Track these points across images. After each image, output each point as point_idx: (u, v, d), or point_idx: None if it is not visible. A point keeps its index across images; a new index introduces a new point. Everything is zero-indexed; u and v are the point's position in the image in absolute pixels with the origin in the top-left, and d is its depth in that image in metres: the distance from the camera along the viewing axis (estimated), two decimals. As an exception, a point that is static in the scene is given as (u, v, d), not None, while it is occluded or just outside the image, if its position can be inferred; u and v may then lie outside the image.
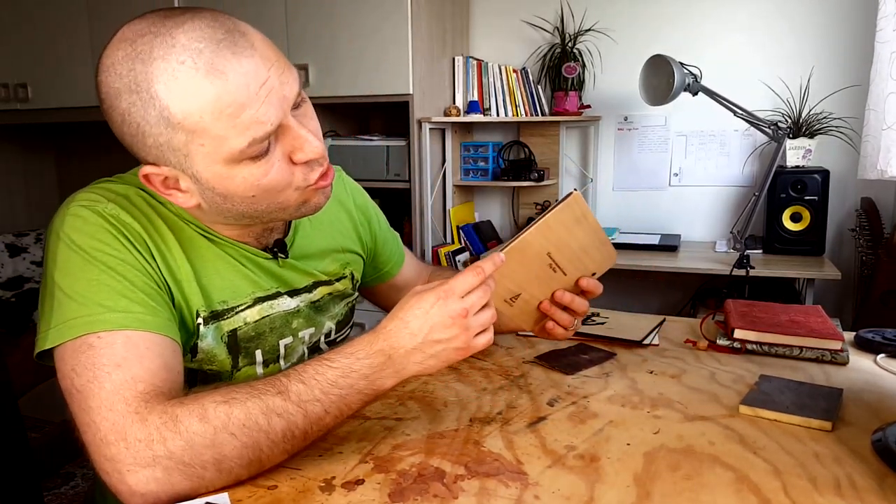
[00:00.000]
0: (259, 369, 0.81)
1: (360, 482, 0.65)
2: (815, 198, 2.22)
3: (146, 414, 0.61)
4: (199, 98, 0.62)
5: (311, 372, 0.66)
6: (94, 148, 3.34)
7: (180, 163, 0.67)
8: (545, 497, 0.62)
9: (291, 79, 0.67)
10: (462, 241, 2.69)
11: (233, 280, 0.78)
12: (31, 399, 0.91)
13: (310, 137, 0.69)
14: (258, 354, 0.81)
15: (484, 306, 0.70)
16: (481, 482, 0.65)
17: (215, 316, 0.77)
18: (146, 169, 0.68)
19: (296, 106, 0.69)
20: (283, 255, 0.83)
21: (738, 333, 1.04)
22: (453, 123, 2.66)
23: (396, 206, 2.55)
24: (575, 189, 0.76)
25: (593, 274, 0.87)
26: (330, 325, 0.91)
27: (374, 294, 1.09)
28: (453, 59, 2.68)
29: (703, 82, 2.22)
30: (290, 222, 0.86)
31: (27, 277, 2.89)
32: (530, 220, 0.82)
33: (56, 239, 0.69)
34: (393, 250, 1.06)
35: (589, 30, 2.63)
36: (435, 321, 0.67)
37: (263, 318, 0.81)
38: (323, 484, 0.65)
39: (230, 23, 0.64)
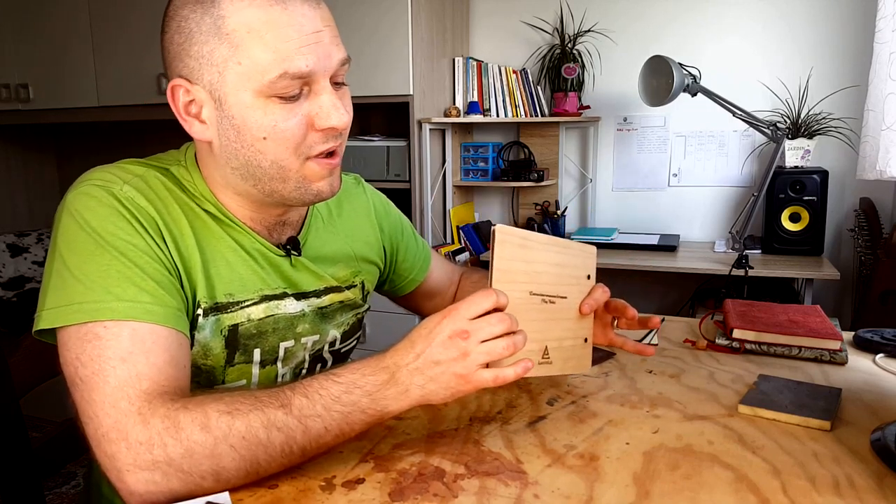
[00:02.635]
0: (255, 369, 0.80)
1: (360, 481, 0.66)
2: (814, 198, 2.22)
3: (149, 416, 0.61)
4: (254, 16, 0.66)
5: (315, 386, 0.64)
6: (95, 148, 3.34)
7: (212, 81, 0.68)
8: (545, 496, 0.63)
9: (340, 50, 0.71)
10: (462, 241, 2.70)
11: (242, 273, 0.77)
12: (32, 399, 0.91)
13: (340, 107, 0.71)
14: (257, 353, 0.79)
15: (500, 337, 0.64)
16: (481, 481, 0.65)
17: (217, 308, 0.75)
18: (178, 80, 0.70)
19: (338, 84, 0.72)
20: (296, 253, 0.82)
21: (736, 333, 1.04)
22: (453, 124, 2.66)
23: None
24: (493, 225, 0.71)
25: (588, 277, 0.84)
26: (335, 333, 0.89)
27: (408, 302, 1.08)
28: (453, 60, 2.68)
29: (703, 83, 2.22)
30: (304, 219, 0.86)
31: (28, 277, 2.89)
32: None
33: (68, 216, 0.68)
34: (417, 256, 1.05)
35: (588, 31, 2.64)
36: (435, 340, 0.64)
37: (268, 317, 0.79)
38: (323, 483, 0.65)
39: None
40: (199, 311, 0.74)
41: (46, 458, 0.92)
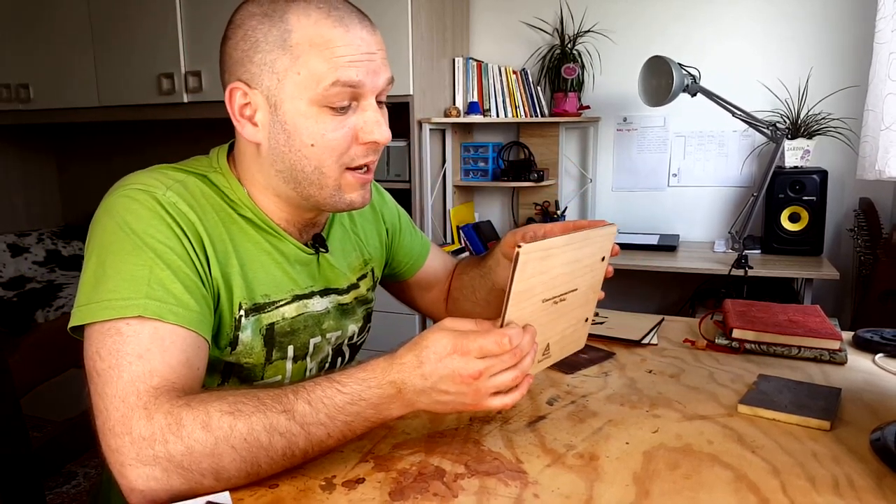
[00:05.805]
0: (289, 364, 0.83)
1: (360, 481, 0.66)
2: (814, 198, 2.22)
3: (153, 411, 0.62)
4: (317, 33, 0.71)
5: (319, 394, 0.64)
6: (95, 149, 3.34)
7: (271, 87, 0.73)
8: (544, 496, 0.63)
9: (387, 73, 0.76)
10: (462, 241, 2.70)
11: (276, 275, 0.81)
12: (33, 398, 0.91)
13: (383, 123, 0.76)
14: (290, 350, 0.83)
15: (509, 368, 0.65)
16: (481, 481, 0.65)
17: (256, 309, 0.78)
18: (237, 83, 0.75)
19: (381, 103, 0.77)
20: (324, 250, 0.87)
21: (736, 333, 1.04)
22: (453, 124, 2.66)
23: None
24: (518, 245, 0.65)
25: (602, 259, 0.80)
26: (353, 328, 0.93)
27: (404, 293, 1.11)
28: (453, 60, 2.68)
29: (702, 83, 2.22)
30: (327, 220, 0.90)
31: (29, 277, 2.89)
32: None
33: (109, 218, 0.70)
34: (414, 243, 1.07)
35: (588, 31, 2.64)
36: (445, 373, 0.63)
37: (299, 315, 0.83)
38: (324, 483, 0.65)
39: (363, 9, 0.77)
40: (241, 312, 0.77)
41: (47, 458, 0.92)
